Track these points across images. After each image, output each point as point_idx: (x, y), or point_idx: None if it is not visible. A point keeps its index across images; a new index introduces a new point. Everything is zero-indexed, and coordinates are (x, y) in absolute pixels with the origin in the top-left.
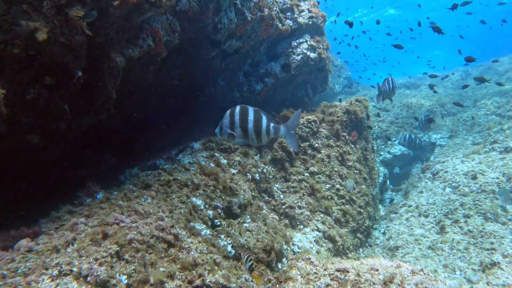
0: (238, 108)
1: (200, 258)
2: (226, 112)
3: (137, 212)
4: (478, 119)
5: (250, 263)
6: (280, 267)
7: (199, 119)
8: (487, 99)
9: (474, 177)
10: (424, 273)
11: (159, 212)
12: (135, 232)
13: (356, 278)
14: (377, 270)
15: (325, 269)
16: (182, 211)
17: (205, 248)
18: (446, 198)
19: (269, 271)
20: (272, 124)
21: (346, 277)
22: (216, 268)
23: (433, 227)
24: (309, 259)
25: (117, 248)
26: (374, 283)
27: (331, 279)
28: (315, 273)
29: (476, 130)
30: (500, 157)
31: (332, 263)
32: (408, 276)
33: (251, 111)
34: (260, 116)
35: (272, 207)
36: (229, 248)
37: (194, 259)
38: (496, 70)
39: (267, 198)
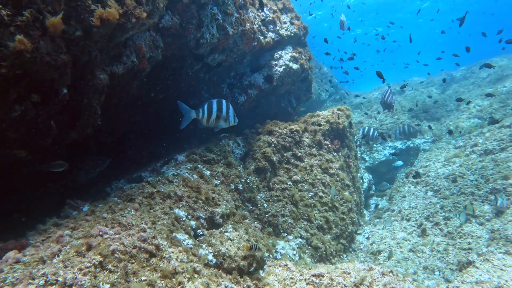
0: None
1: (180, 267)
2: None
3: (120, 224)
4: (461, 123)
5: None
6: (261, 274)
7: (185, 131)
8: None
9: (455, 180)
10: (393, 274)
11: (142, 223)
12: (118, 243)
13: (329, 281)
14: (349, 273)
15: (301, 275)
16: (165, 222)
17: (185, 257)
18: (428, 202)
19: (248, 278)
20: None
21: (321, 281)
22: (196, 276)
23: (415, 230)
24: (286, 265)
25: (101, 259)
26: (345, 286)
27: (307, 284)
28: (291, 278)
29: (458, 133)
30: (480, 160)
31: (309, 269)
32: (378, 278)
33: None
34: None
35: (256, 216)
36: (210, 256)
37: (174, 267)
38: (479, 74)
39: (251, 207)
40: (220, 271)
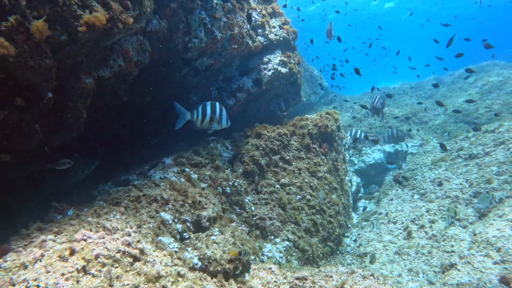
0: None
1: (164, 271)
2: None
3: (105, 228)
4: (448, 127)
5: None
6: (247, 277)
7: (173, 134)
8: (456, 107)
9: (440, 184)
10: (374, 278)
11: (127, 227)
12: (102, 248)
13: (312, 285)
14: (331, 276)
15: (284, 278)
16: (151, 225)
17: (170, 261)
18: (414, 205)
19: (233, 281)
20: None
21: (304, 284)
22: (180, 279)
23: (401, 233)
24: (270, 268)
25: (84, 263)
26: None
27: (290, 287)
28: (275, 281)
29: (445, 138)
30: (464, 164)
31: (293, 272)
32: (359, 281)
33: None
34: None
35: (244, 219)
36: (196, 260)
37: (158, 271)
38: (466, 79)
39: (238, 210)
40: (205, 274)
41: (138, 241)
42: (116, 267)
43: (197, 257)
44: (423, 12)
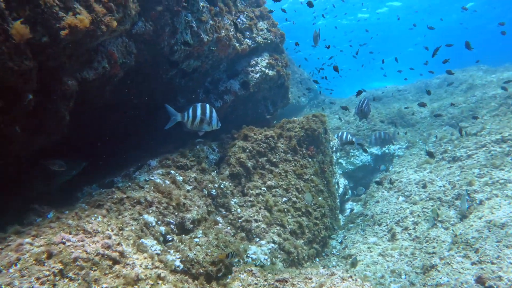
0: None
1: (143, 273)
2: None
3: (85, 231)
4: (434, 130)
5: None
6: (229, 279)
7: (160, 135)
8: (441, 110)
9: (424, 186)
10: (352, 280)
11: (108, 230)
12: (80, 251)
13: (291, 287)
14: (310, 278)
15: (265, 280)
16: (133, 228)
17: (150, 264)
18: (399, 207)
19: (215, 284)
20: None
21: (284, 287)
22: (160, 282)
23: (385, 234)
24: (251, 270)
25: (61, 267)
26: None
27: None
28: (255, 284)
29: (431, 140)
30: (448, 166)
31: (275, 274)
32: (337, 283)
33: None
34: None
35: (229, 221)
36: (178, 262)
37: (137, 274)
38: (452, 82)
39: (224, 212)
40: (187, 277)
41: (118, 244)
42: (95, 270)
43: (179, 259)
44: (412, 16)
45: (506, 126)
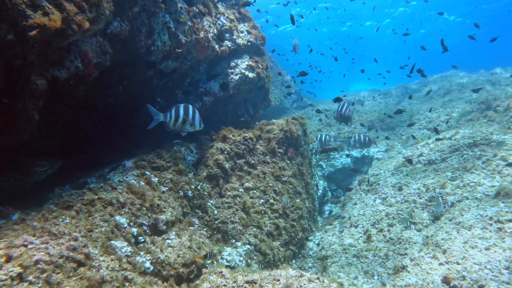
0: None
1: (109, 276)
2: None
3: (50, 232)
4: (412, 133)
5: None
6: (199, 281)
7: (138, 136)
8: (420, 114)
9: (400, 189)
10: (320, 281)
11: (75, 232)
12: (43, 253)
13: None
14: (278, 280)
15: (234, 282)
16: (103, 229)
17: (117, 266)
18: (375, 209)
19: (184, 286)
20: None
21: None
22: (126, 284)
23: (361, 236)
24: (221, 272)
25: (20, 270)
26: None
27: None
28: (224, 285)
29: (409, 143)
30: (423, 169)
31: (245, 276)
32: (304, 284)
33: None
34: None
35: (206, 223)
36: (148, 264)
37: (102, 276)
38: (430, 87)
39: (200, 214)
40: (157, 278)
41: (84, 246)
42: (58, 273)
43: (150, 261)
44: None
45: (478, 131)
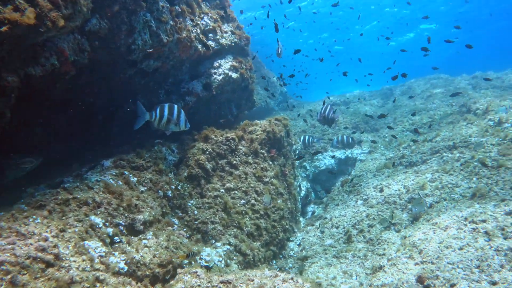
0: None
1: (79, 276)
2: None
3: (18, 233)
4: (395, 135)
5: None
6: (174, 281)
7: (119, 135)
8: (403, 117)
9: (381, 190)
10: (293, 281)
11: (46, 232)
12: (8, 254)
13: None
14: (252, 280)
15: (209, 282)
16: (77, 229)
17: (89, 266)
18: (356, 210)
19: (159, 286)
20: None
21: None
22: (98, 285)
23: (342, 237)
24: (196, 272)
25: None
26: None
27: None
28: (198, 285)
29: (392, 145)
30: (404, 171)
31: (221, 276)
32: (278, 284)
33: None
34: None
35: (186, 223)
36: (122, 264)
37: (71, 277)
38: (414, 90)
39: (180, 214)
40: (130, 279)
41: (54, 246)
42: (24, 274)
43: (124, 261)
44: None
45: (458, 133)
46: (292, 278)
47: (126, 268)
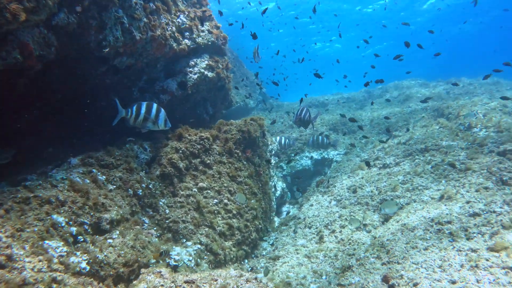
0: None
1: (33, 278)
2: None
3: None
4: (372, 137)
5: None
6: (136, 281)
7: (89, 133)
8: (379, 119)
9: (355, 191)
10: (257, 281)
11: None
12: None
13: None
14: (216, 280)
15: (172, 282)
16: (36, 229)
17: (45, 267)
18: (329, 211)
19: (123, 285)
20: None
21: None
22: (54, 286)
23: (314, 237)
24: (160, 272)
25: None
26: None
27: None
28: (161, 285)
29: (368, 147)
30: (378, 173)
31: (186, 275)
32: (241, 284)
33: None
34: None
35: (156, 222)
36: (84, 264)
37: (24, 279)
38: (391, 93)
39: (151, 213)
40: (92, 279)
41: (7, 247)
42: None
43: (86, 261)
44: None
45: (430, 137)
46: (255, 278)
47: (88, 268)
